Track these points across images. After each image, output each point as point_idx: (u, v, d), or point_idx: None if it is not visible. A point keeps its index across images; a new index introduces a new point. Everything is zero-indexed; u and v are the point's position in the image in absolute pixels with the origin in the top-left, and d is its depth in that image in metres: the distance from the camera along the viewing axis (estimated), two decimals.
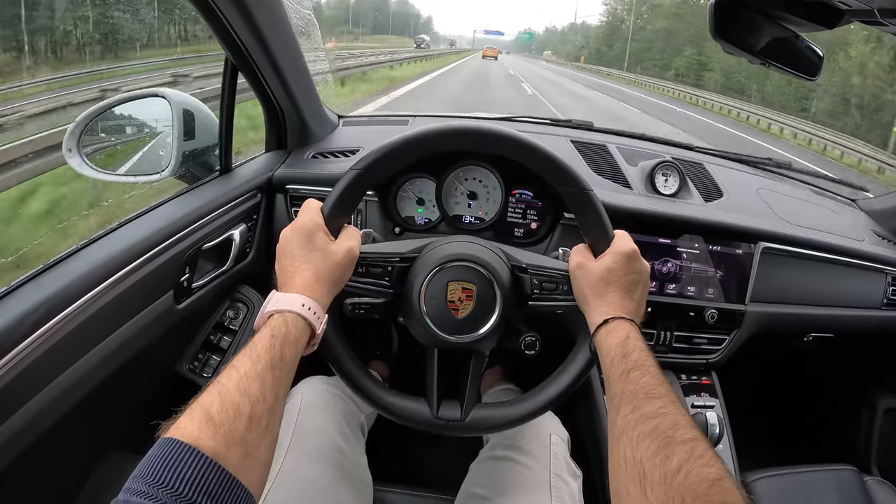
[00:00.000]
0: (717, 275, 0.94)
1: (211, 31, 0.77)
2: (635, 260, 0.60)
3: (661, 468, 0.41)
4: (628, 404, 0.47)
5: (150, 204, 0.79)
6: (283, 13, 0.83)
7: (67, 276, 0.60)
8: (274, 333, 0.48)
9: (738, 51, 0.68)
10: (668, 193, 0.99)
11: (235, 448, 0.39)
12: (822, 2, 0.58)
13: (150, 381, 0.83)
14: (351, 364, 0.63)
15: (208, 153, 0.92)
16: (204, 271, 0.81)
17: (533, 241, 0.94)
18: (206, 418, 0.40)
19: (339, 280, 0.58)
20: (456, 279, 0.62)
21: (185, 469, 0.36)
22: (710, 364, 0.97)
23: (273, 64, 0.85)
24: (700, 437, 0.43)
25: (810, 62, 0.72)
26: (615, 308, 0.57)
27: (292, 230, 0.58)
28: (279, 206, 0.96)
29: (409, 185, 0.93)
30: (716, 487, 0.38)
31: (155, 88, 0.88)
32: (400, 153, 0.63)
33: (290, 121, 1.00)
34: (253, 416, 0.42)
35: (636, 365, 0.51)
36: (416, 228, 0.94)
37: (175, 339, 0.83)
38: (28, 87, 2.59)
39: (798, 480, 0.93)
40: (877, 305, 1.04)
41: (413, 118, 1.18)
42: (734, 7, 0.65)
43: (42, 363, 0.55)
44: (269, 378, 0.45)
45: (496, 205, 0.92)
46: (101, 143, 0.91)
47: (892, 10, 0.52)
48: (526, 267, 0.65)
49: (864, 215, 1.19)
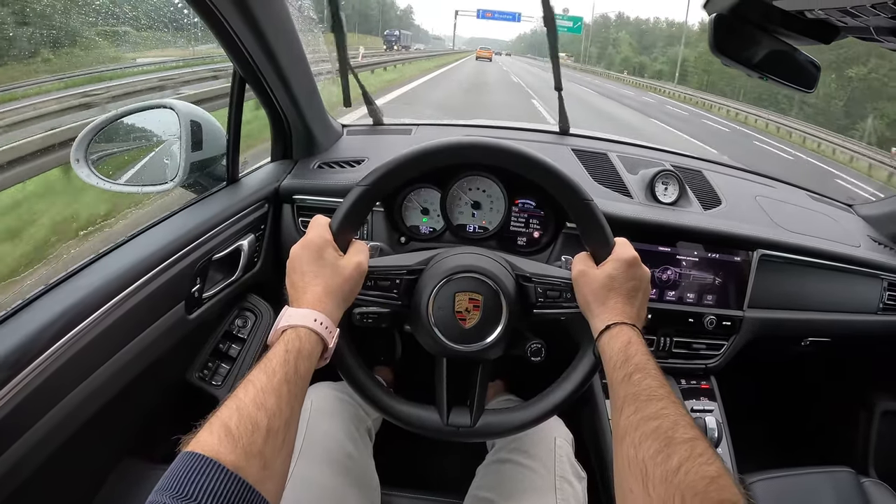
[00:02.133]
0: (716, 282, 0.96)
1: (219, 43, 0.78)
2: (636, 266, 0.62)
3: (663, 467, 0.42)
4: (631, 406, 0.49)
5: (161, 215, 0.80)
6: (290, 25, 0.85)
7: (81, 289, 0.61)
8: (288, 348, 0.49)
9: (737, 65, 0.69)
10: (667, 202, 1.01)
11: (254, 461, 0.41)
12: (819, 19, 0.60)
13: (161, 390, 0.84)
14: (363, 375, 0.65)
15: (215, 163, 0.94)
16: (214, 281, 0.83)
17: (536, 250, 0.96)
18: (226, 432, 0.41)
19: (349, 294, 0.59)
20: (463, 290, 0.63)
21: (207, 482, 0.37)
22: (709, 369, 0.99)
23: (280, 75, 0.86)
24: (700, 437, 0.45)
25: (808, 75, 0.73)
26: (617, 314, 0.59)
27: (302, 247, 0.59)
28: (286, 216, 0.98)
29: (413, 195, 0.94)
30: (714, 484, 0.40)
31: (162, 100, 0.90)
32: (405, 168, 0.64)
33: (296, 131, 1.01)
34: (270, 429, 0.43)
35: (638, 368, 0.52)
36: (421, 238, 0.95)
37: (185, 349, 0.85)
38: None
39: (796, 483, 0.94)
40: (873, 310, 1.06)
41: (416, 127, 1.19)
42: (733, 23, 0.67)
43: (58, 377, 0.56)
44: (285, 392, 0.46)
45: (499, 214, 0.93)
46: (108, 154, 0.92)
47: (887, 28, 0.54)
48: (530, 276, 0.67)
49: (860, 220, 1.20)
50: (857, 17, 0.51)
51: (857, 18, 0.53)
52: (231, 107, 0.88)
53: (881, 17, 0.47)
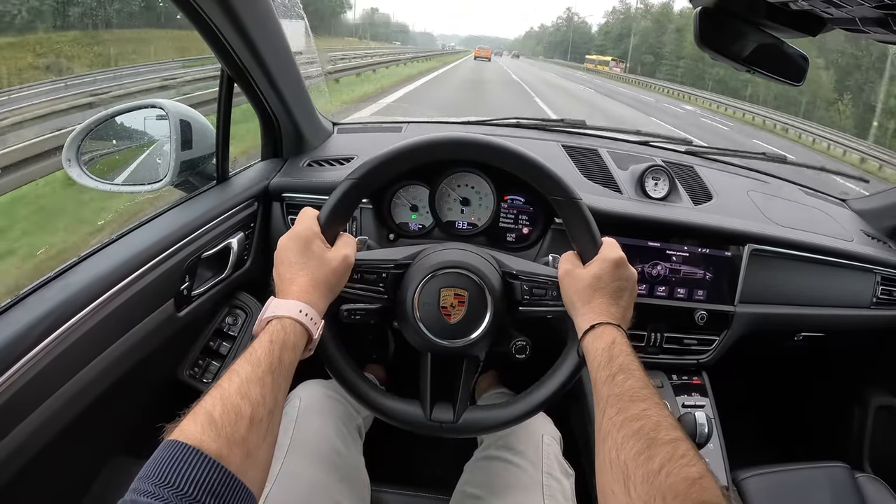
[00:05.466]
0: (707, 277, 0.96)
1: (206, 43, 0.78)
2: (622, 267, 0.62)
3: (644, 468, 0.42)
4: (613, 407, 0.49)
5: (150, 213, 0.80)
6: (276, 24, 0.85)
7: (71, 286, 0.62)
8: (272, 339, 0.50)
9: (724, 58, 0.69)
10: (657, 197, 1.00)
11: (237, 449, 0.41)
12: (805, 10, 0.60)
13: (152, 388, 0.84)
14: (346, 368, 0.65)
15: (205, 162, 0.94)
16: (203, 279, 0.83)
17: (525, 246, 0.96)
18: (209, 421, 0.41)
19: (335, 286, 0.59)
20: (448, 285, 0.63)
21: (190, 470, 0.37)
22: (700, 364, 0.99)
23: (267, 75, 0.86)
24: (682, 438, 0.44)
25: (796, 67, 0.73)
26: (602, 314, 0.59)
27: (289, 238, 0.59)
28: (276, 214, 0.98)
29: (402, 192, 0.94)
30: (696, 486, 0.40)
31: (152, 99, 0.90)
32: (394, 163, 0.64)
33: (286, 129, 1.01)
34: (254, 418, 0.43)
35: (621, 369, 0.52)
36: (410, 234, 0.95)
37: (176, 346, 0.85)
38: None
39: (790, 478, 0.94)
40: (866, 304, 1.06)
41: (407, 125, 1.19)
42: (719, 16, 0.66)
43: (48, 372, 0.57)
44: (269, 382, 0.46)
45: (488, 210, 0.93)
46: (99, 154, 0.92)
47: (872, 19, 0.54)
48: (516, 273, 0.67)
49: (853, 215, 1.20)
50: (842, 7, 0.50)
51: (841, 9, 0.53)
52: (220, 106, 0.88)
53: (865, 6, 0.46)
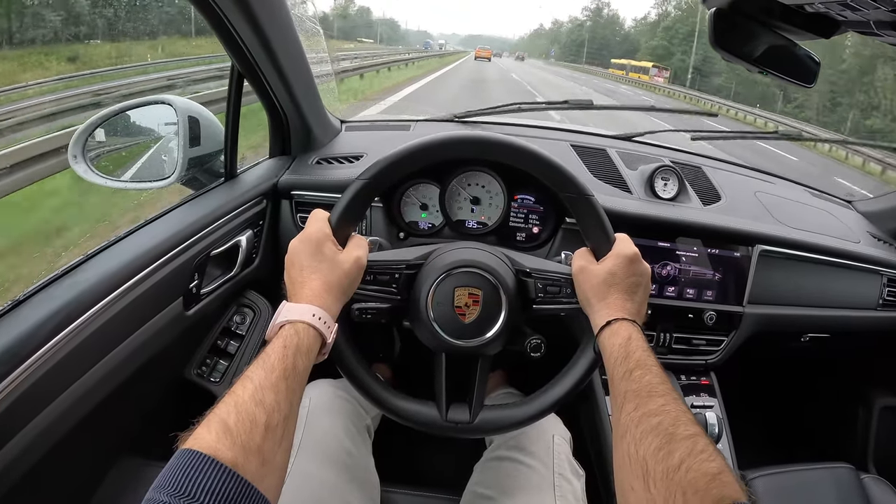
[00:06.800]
0: (716, 277, 0.96)
1: (218, 39, 0.78)
2: (637, 262, 0.62)
3: (664, 464, 0.42)
4: (631, 402, 0.49)
5: (159, 211, 0.80)
6: (289, 21, 0.84)
7: (79, 284, 0.61)
8: (286, 344, 0.49)
9: (737, 59, 0.69)
10: (667, 197, 1.00)
11: (253, 457, 0.40)
12: (819, 13, 0.60)
13: (159, 387, 0.83)
14: (361, 371, 0.64)
15: (213, 159, 0.93)
16: (212, 277, 0.82)
17: (535, 246, 0.95)
18: (224, 429, 0.40)
19: (347, 289, 0.59)
20: (462, 285, 0.63)
21: (206, 479, 0.37)
22: (709, 364, 0.99)
23: (279, 71, 0.86)
24: (701, 433, 0.44)
25: (807, 69, 0.73)
26: (617, 310, 0.59)
27: (301, 241, 0.58)
28: (284, 212, 0.97)
29: (412, 190, 0.94)
30: (715, 482, 0.40)
31: (160, 95, 0.89)
32: (405, 163, 0.64)
33: (294, 127, 1.01)
34: (269, 425, 0.42)
35: (638, 364, 0.52)
36: (420, 233, 0.95)
37: (184, 345, 0.84)
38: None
39: (796, 479, 0.94)
40: (872, 306, 1.06)
41: (415, 123, 1.19)
42: (733, 17, 0.66)
43: (57, 372, 0.56)
44: (283, 388, 0.46)
45: (499, 210, 0.93)
46: (106, 150, 0.92)
47: (887, 23, 0.54)
48: (530, 271, 0.66)
49: (859, 216, 1.20)
50: (858, 10, 0.50)
51: (857, 12, 0.53)
52: (229, 102, 0.88)
53: (881, 10, 0.46)
